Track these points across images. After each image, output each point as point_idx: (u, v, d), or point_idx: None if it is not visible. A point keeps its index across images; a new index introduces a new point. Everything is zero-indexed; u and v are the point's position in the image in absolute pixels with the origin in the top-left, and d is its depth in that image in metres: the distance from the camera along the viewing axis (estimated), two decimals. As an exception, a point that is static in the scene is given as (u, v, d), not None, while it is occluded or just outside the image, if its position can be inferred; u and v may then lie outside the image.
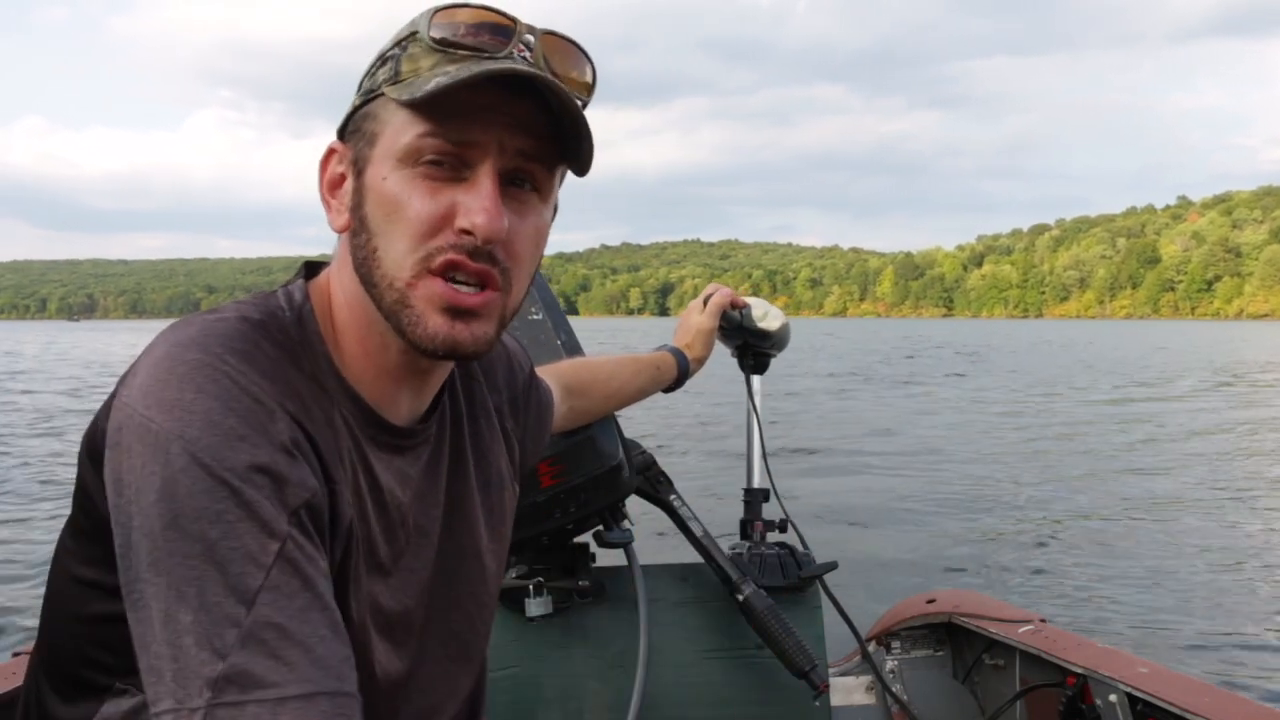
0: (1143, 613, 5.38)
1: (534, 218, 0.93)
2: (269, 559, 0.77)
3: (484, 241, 0.87)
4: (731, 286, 1.95)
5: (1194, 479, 9.89)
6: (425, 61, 0.88)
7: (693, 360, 1.80)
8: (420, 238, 0.88)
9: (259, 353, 0.86)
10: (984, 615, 2.14)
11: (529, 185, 0.92)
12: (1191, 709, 1.58)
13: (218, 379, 0.81)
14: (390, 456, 0.98)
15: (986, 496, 8.76)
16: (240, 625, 0.74)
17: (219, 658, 0.73)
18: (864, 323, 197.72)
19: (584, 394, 1.55)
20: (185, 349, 0.83)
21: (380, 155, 0.89)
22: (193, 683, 0.73)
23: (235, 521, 0.77)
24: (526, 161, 0.90)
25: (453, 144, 0.87)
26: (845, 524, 7.48)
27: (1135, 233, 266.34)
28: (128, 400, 0.81)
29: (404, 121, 0.88)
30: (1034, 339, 65.65)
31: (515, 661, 1.83)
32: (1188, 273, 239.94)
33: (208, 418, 0.79)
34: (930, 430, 13.88)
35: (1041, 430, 14.01)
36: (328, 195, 0.96)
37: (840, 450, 11.76)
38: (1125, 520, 7.76)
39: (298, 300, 0.95)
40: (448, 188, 0.88)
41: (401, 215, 0.88)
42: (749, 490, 2.04)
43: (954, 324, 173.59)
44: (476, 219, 0.86)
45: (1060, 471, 10.29)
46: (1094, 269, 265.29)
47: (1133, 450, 12.06)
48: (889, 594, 2.68)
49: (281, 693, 0.74)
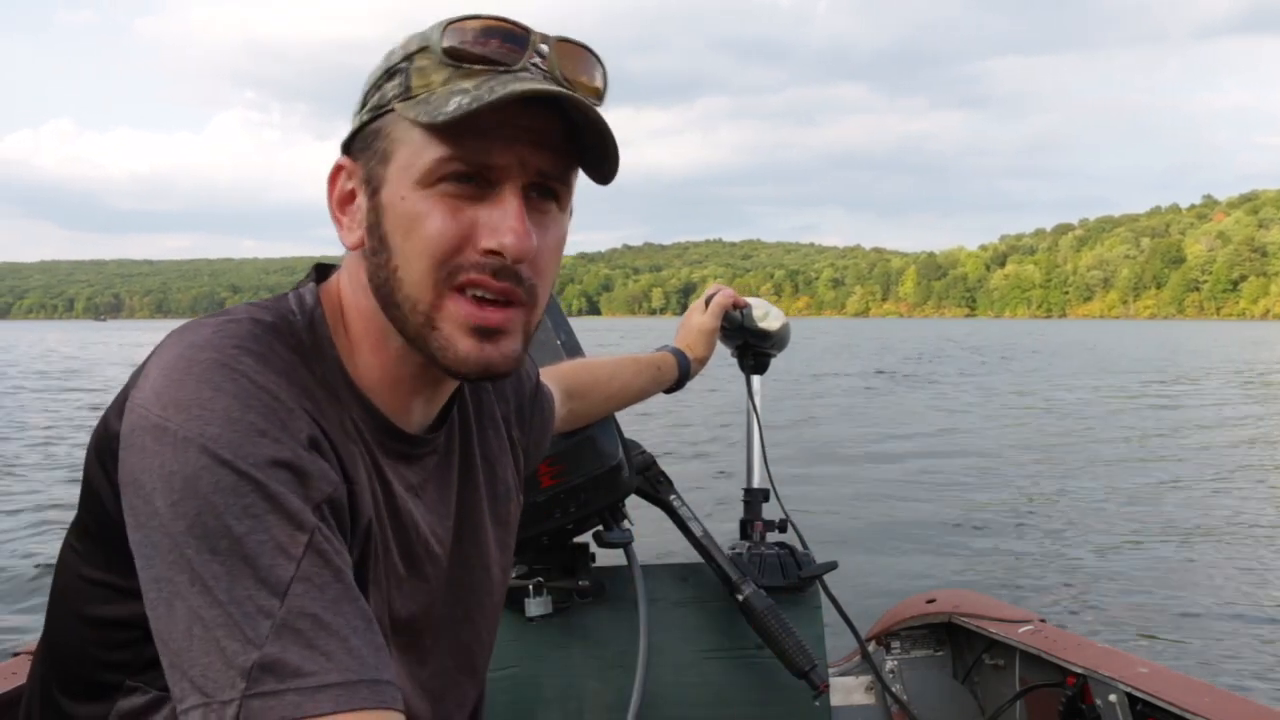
0: (1143, 613, 5.36)
1: (555, 229, 0.92)
2: (299, 550, 0.76)
3: (514, 261, 0.86)
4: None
5: (1194, 479, 9.84)
6: (437, 76, 0.87)
7: (694, 360, 1.80)
8: (442, 257, 0.86)
9: (273, 354, 0.86)
10: (984, 615, 2.14)
11: (550, 197, 0.91)
12: (1191, 709, 1.58)
13: (234, 378, 0.81)
14: (401, 465, 0.97)
15: (986, 496, 8.73)
16: (273, 616, 0.73)
17: (254, 647, 0.72)
18: (885, 323, 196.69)
19: (584, 396, 1.55)
20: (199, 349, 0.82)
21: (396, 174, 0.88)
22: (224, 675, 0.72)
23: (262, 515, 0.76)
24: (548, 178, 0.89)
25: (475, 164, 0.86)
26: (845, 524, 7.47)
27: (1160, 232, 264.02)
28: (141, 402, 0.81)
29: (421, 140, 0.86)
30: (1060, 339, 65.19)
31: (515, 661, 1.83)
32: (1213, 273, 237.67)
33: (227, 415, 0.78)
34: (931, 430, 13.84)
35: (1041, 430, 13.93)
36: (338, 212, 0.95)
37: (840, 451, 11.75)
38: (1126, 520, 7.73)
39: (309, 304, 0.95)
40: (469, 206, 0.87)
41: (422, 235, 0.86)
42: (749, 490, 2.05)
43: (976, 324, 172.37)
44: (505, 239, 0.85)
45: (1060, 471, 10.26)
46: (1118, 269, 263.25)
47: (1133, 449, 12.02)
48: (889, 594, 2.68)
49: (321, 680, 0.72)
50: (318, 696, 0.72)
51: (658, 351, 1.77)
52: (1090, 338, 69.97)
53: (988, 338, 66.69)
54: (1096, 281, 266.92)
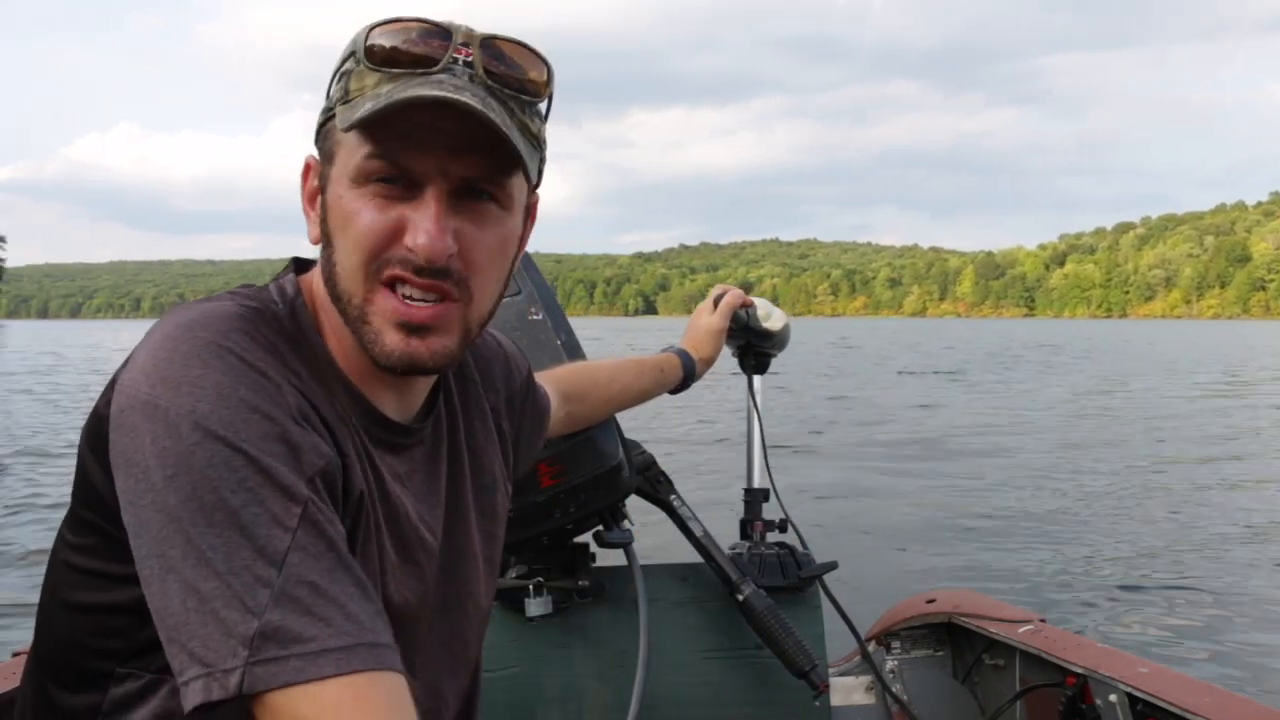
0: (1143, 613, 5.29)
1: (495, 227, 0.93)
2: (293, 521, 0.77)
3: (426, 262, 0.87)
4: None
5: (1196, 478, 9.65)
6: (369, 80, 0.88)
7: (700, 361, 1.78)
8: (370, 252, 0.88)
9: (260, 335, 0.87)
10: (984, 615, 2.13)
11: (486, 197, 0.91)
12: (1191, 709, 1.57)
13: (223, 355, 0.82)
14: (388, 454, 0.98)
15: (987, 497, 8.63)
16: (272, 585, 0.74)
17: (254, 616, 0.73)
18: (941, 323, 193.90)
19: (583, 399, 1.55)
20: (187, 329, 0.84)
21: (337, 174, 0.90)
22: (225, 645, 0.73)
23: (256, 488, 0.77)
24: (476, 180, 0.90)
25: (398, 166, 0.87)
26: (845, 524, 7.42)
27: (1224, 230, 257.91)
28: (130, 382, 0.82)
29: (353, 142, 0.88)
30: (1113, 338, 63.85)
31: (515, 661, 1.84)
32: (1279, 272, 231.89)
33: (218, 392, 0.80)
34: (931, 429, 13.69)
35: (1042, 429, 13.72)
36: (307, 208, 0.98)
37: (840, 449, 11.66)
38: (1126, 520, 7.61)
39: (290, 294, 0.97)
40: (398, 204, 0.88)
41: (353, 231, 0.89)
42: (749, 490, 2.05)
43: (1035, 324, 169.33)
44: (419, 239, 0.87)
45: (1061, 470, 10.11)
46: (1180, 268, 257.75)
47: (1135, 448, 11.81)
48: (889, 594, 2.67)
49: (322, 645, 0.74)
50: (320, 660, 0.74)
51: (662, 352, 1.76)
52: (1151, 336, 68.41)
53: (1050, 337, 65.46)
54: (1158, 281, 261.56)
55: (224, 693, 0.73)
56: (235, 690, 0.73)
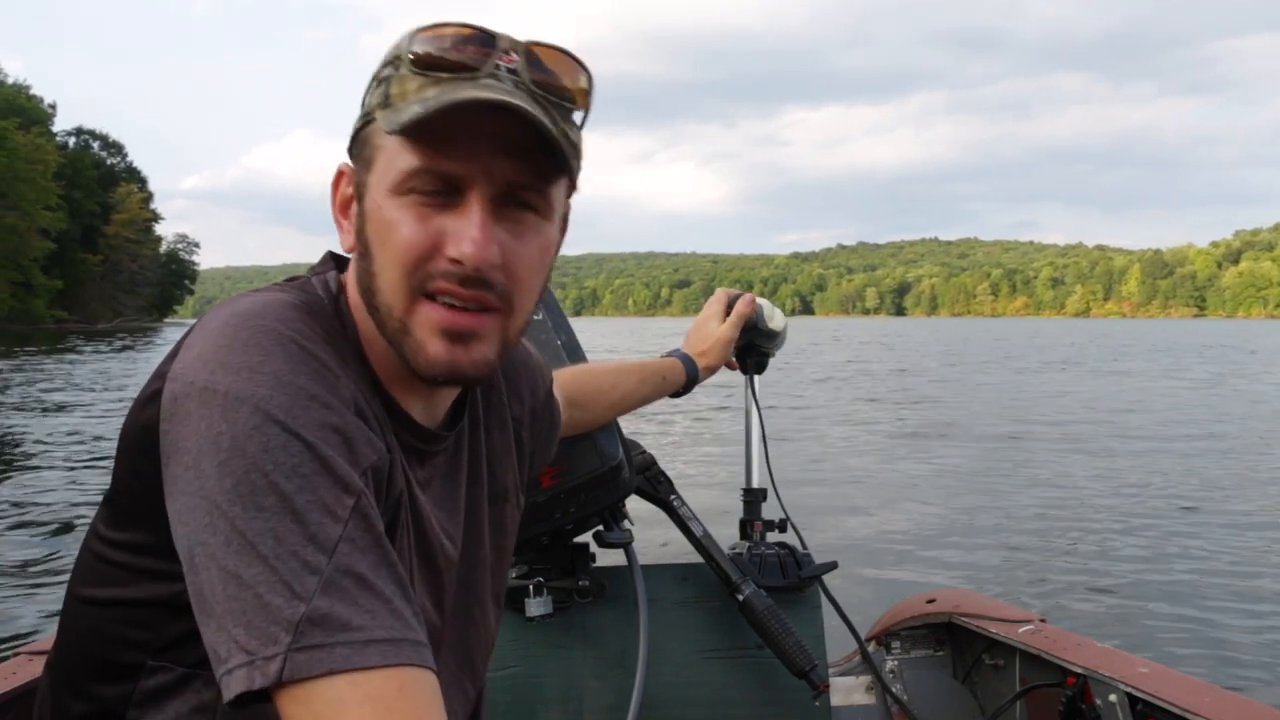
0: (1143, 613, 5.28)
1: (534, 237, 0.92)
2: (345, 512, 0.77)
3: (474, 270, 0.87)
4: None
5: (1197, 479, 9.61)
6: (411, 84, 0.87)
7: (703, 368, 1.77)
8: (410, 265, 0.88)
9: (316, 327, 0.88)
10: (984, 615, 2.13)
11: (526, 207, 0.91)
12: (1192, 709, 1.57)
13: (283, 343, 0.82)
14: (412, 460, 0.99)
15: (987, 497, 8.60)
16: (321, 572, 0.74)
17: (301, 602, 0.72)
18: (1104, 324, 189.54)
19: (585, 405, 1.54)
20: (245, 318, 0.84)
21: (376, 182, 0.90)
22: (268, 630, 0.72)
23: (310, 475, 0.77)
24: (518, 188, 0.89)
25: (440, 172, 0.87)
26: (845, 524, 7.39)
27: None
28: (184, 369, 0.82)
29: (395, 149, 0.88)
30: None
31: (515, 661, 1.84)
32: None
33: (277, 378, 0.80)
34: (931, 429, 13.65)
35: (1042, 430, 13.67)
36: (340, 216, 0.98)
37: (841, 450, 11.65)
38: (1126, 520, 7.57)
39: (334, 291, 0.97)
40: (438, 215, 0.88)
41: (393, 243, 0.88)
42: (748, 490, 2.05)
43: (1206, 325, 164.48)
44: (465, 248, 0.86)
45: (1061, 471, 10.05)
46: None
47: (1134, 448, 11.75)
48: (889, 594, 2.65)
49: (369, 635, 0.73)
50: (366, 651, 0.73)
51: (665, 357, 1.75)
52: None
53: (1216, 337, 63.05)
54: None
55: (265, 679, 0.72)
56: (275, 677, 0.72)
